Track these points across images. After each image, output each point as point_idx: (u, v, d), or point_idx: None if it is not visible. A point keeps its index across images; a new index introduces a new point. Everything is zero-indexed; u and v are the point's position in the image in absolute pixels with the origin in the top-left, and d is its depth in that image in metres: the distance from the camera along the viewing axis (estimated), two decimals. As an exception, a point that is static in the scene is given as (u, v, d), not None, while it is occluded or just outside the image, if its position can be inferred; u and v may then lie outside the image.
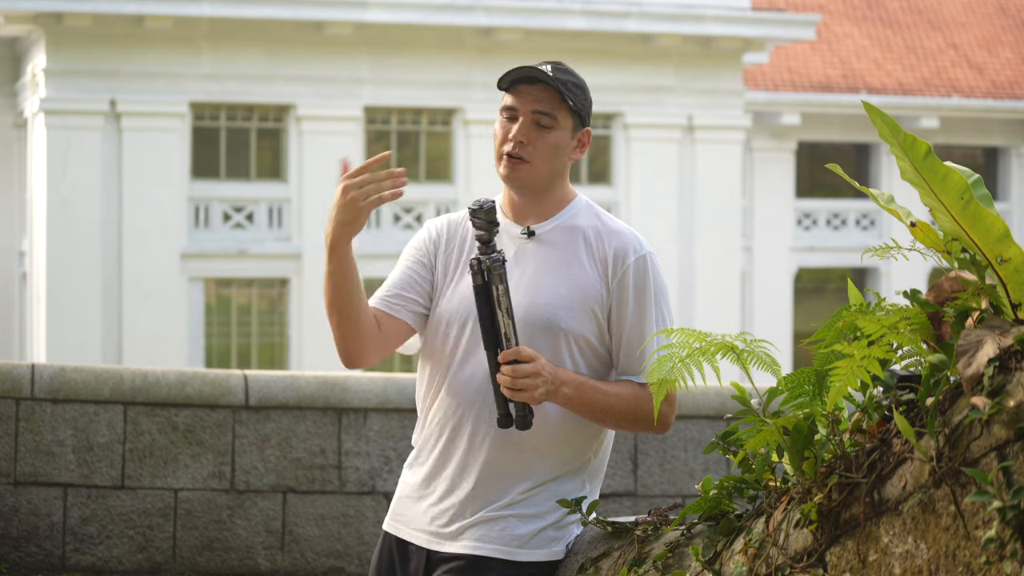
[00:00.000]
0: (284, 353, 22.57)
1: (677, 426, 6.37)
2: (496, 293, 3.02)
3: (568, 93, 3.13)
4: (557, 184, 3.21)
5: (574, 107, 3.14)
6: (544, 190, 3.20)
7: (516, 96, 3.16)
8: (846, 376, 2.56)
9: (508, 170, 3.16)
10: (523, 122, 3.14)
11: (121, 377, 6.03)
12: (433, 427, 3.25)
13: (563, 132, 3.16)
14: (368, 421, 6.15)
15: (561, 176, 3.21)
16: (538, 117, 3.14)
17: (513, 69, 3.15)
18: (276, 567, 6.10)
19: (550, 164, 3.17)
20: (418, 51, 22.55)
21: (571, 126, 3.17)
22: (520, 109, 3.15)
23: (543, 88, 3.14)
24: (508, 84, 3.17)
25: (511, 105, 3.16)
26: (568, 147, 3.18)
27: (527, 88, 3.15)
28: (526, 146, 3.14)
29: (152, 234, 21.68)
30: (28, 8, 21.05)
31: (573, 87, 3.16)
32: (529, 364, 3.01)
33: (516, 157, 3.14)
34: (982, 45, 28.11)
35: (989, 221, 2.58)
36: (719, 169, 23.92)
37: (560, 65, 3.18)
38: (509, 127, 3.16)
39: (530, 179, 3.16)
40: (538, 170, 3.16)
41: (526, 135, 3.14)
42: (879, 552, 2.49)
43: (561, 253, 3.18)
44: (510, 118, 3.16)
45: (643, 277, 3.17)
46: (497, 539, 3.15)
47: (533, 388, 3.01)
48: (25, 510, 5.91)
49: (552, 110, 3.14)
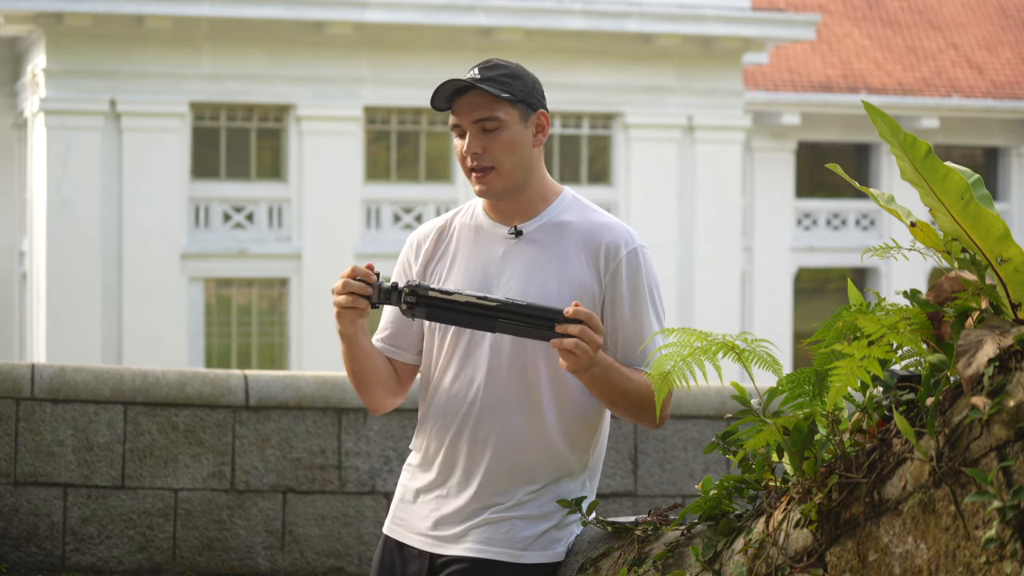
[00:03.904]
0: (284, 353, 22.57)
1: (677, 426, 6.36)
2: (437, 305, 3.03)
3: (499, 88, 3.09)
4: (533, 178, 3.17)
5: (512, 98, 3.10)
6: (521, 188, 3.16)
7: (455, 112, 3.13)
8: (846, 376, 2.56)
9: (480, 184, 3.13)
10: (470, 134, 3.11)
11: (121, 377, 6.03)
12: (434, 433, 3.23)
13: (513, 127, 3.12)
14: (368, 421, 6.16)
15: (533, 169, 3.17)
16: (482, 124, 3.10)
17: (437, 88, 3.10)
18: (276, 567, 6.10)
19: (514, 161, 3.13)
20: (418, 51, 22.55)
21: (519, 117, 3.13)
22: (463, 123, 3.12)
23: (475, 94, 3.11)
24: (444, 103, 3.13)
25: (455, 123, 3.14)
26: (526, 137, 3.14)
27: (462, 100, 3.12)
28: (483, 155, 3.11)
29: (152, 234, 21.68)
30: (28, 8, 21.05)
31: (504, 79, 3.11)
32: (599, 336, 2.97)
33: (480, 169, 3.12)
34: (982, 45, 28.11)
35: (989, 221, 2.58)
36: (719, 169, 23.91)
37: (488, 63, 3.13)
38: (461, 144, 3.14)
39: (500, 183, 3.13)
40: (504, 170, 3.12)
41: (478, 144, 3.11)
42: (879, 552, 2.49)
43: (551, 250, 3.16)
44: (460, 135, 3.15)
45: (636, 270, 3.14)
46: (502, 541, 3.14)
47: (586, 358, 2.97)
48: (25, 510, 5.91)
49: (491, 112, 3.10)
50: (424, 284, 3.04)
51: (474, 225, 3.23)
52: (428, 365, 3.25)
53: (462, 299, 3.01)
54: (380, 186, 23.12)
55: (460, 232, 3.24)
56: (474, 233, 3.22)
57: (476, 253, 3.20)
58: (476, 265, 3.19)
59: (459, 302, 3.02)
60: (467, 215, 3.26)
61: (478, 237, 3.22)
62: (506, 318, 2.99)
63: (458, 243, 3.23)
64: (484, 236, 3.21)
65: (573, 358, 2.96)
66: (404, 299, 3.05)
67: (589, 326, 2.95)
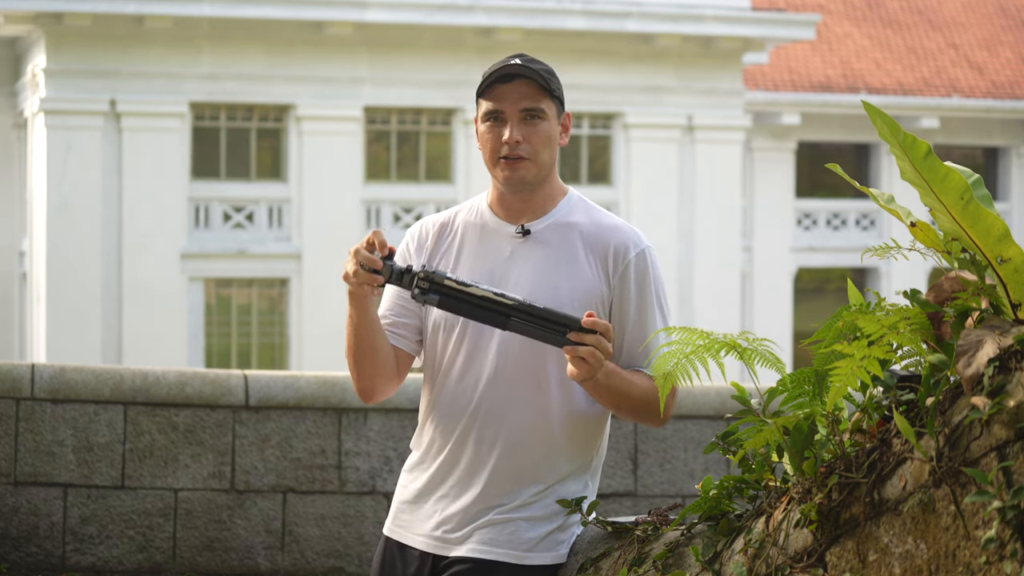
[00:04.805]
0: (284, 353, 22.57)
1: (677, 426, 6.36)
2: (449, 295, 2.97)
3: (547, 82, 3.12)
4: (551, 176, 3.19)
5: (555, 94, 3.13)
6: (541, 184, 3.17)
7: (498, 98, 3.11)
8: (846, 376, 2.56)
9: (510, 171, 3.11)
10: (513, 122, 3.10)
11: (121, 377, 6.03)
12: (437, 433, 3.21)
13: (551, 121, 3.14)
14: (368, 421, 6.15)
15: (555, 167, 3.20)
16: (527, 113, 3.11)
17: (492, 71, 3.10)
18: (276, 567, 6.10)
19: (548, 154, 3.14)
20: (418, 51, 22.55)
21: (556, 113, 3.15)
22: (507, 110, 3.11)
23: (522, 83, 3.11)
24: (483, 88, 3.13)
25: (495, 109, 3.12)
26: (557, 135, 3.17)
27: (507, 88, 3.11)
28: (523, 144, 3.11)
29: (152, 234, 21.69)
30: (28, 8, 21.05)
31: (547, 75, 3.14)
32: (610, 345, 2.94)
33: (514, 157, 3.11)
34: (982, 45, 28.11)
35: (989, 221, 2.58)
36: (719, 169, 23.92)
37: (527, 56, 3.15)
38: (499, 130, 3.11)
39: (532, 174, 3.13)
40: (540, 164, 3.13)
41: (520, 133, 3.10)
42: (879, 552, 2.49)
43: (558, 251, 3.16)
44: (498, 121, 3.12)
45: (644, 272, 3.15)
46: (506, 543, 3.12)
47: (597, 366, 2.95)
48: (25, 510, 5.91)
49: (538, 103, 3.11)
50: (440, 271, 2.98)
51: (479, 223, 3.22)
52: (432, 363, 3.23)
53: (478, 292, 2.96)
54: (380, 186, 23.12)
55: (464, 229, 3.23)
56: (479, 231, 3.21)
57: (482, 251, 3.19)
58: (483, 263, 3.17)
59: (475, 295, 2.96)
60: (471, 213, 3.25)
61: (484, 235, 3.20)
62: (520, 318, 2.95)
63: (462, 240, 3.22)
64: (490, 234, 3.20)
65: (585, 367, 2.94)
66: (417, 283, 2.97)
67: (605, 337, 2.94)
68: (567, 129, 3.20)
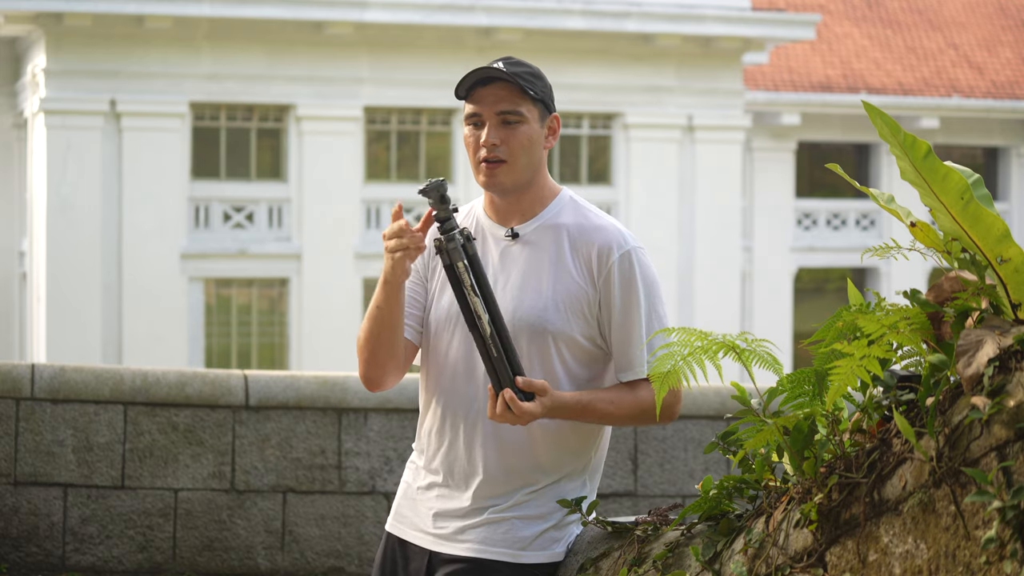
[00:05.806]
0: (284, 353, 22.58)
1: (677, 426, 6.37)
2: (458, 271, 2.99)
3: (526, 84, 3.10)
4: (537, 179, 3.17)
5: (536, 96, 3.11)
6: (526, 187, 3.16)
7: (477, 101, 3.13)
8: (846, 376, 2.56)
9: (488, 176, 3.12)
10: (490, 125, 3.11)
11: (121, 377, 6.03)
12: (435, 430, 3.22)
13: (532, 124, 3.13)
14: (368, 421, 6.16)
15: (540, 170, 3.17)
16: (504, 116, 3.10)
17: (467, 75, 3.11)
18: (276, 567, 6.10)
19: (527, 158, 3.13)
20: (418, 51, 22.56)
21: (538, 116, 3.14)
22: (484, 113, 3.11)
23: (501, 86, 3.11)
24: (465, 91, 3.13)
25: (474, 111, 3.13)
26: (540, 137, 3.15)
27: (485, 91, 3.12)
28: (499, 147, 3.10)
29: (152, 234, 21.69)
30: (28, 8, 21.05)
31: (529, 77, 3.12)
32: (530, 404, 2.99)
33: (493, 160, 3.11)
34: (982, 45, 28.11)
35: (989, 221, 2.58)
36: (719, 169, 23.92)
37: (511, 59, 3.14)
38: (478, 134, 3.12)
39: (510, 178, 3.13)
40: (517, 167, 3.12)
41: (497, 136, 3.10)
42: (879, 552, 2.49)
43: (545, 254, 3.15)
44: (477, 124, 3.13)
45: (629, 273, 3.13)
46: (501, 541, 3.14)
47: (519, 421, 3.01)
48: (25, 510, 5.91)
49: (516, 106, 3.10)
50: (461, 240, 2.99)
51: (475, 226, 3.23)
52: (430, 363, 3.24)
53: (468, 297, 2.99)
54: (380, 186, 23.12)
55: None
56: (475, 234, 3.21)
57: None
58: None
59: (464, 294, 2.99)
60: (468, 216, 3.26)
61: (478, 238, 3.21)
62: (480, 343, 3.00)
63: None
64: (484, 237, 3.21)
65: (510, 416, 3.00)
66: (454, 233, 2.99)
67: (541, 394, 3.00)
68: (554, 132, 3.19)
